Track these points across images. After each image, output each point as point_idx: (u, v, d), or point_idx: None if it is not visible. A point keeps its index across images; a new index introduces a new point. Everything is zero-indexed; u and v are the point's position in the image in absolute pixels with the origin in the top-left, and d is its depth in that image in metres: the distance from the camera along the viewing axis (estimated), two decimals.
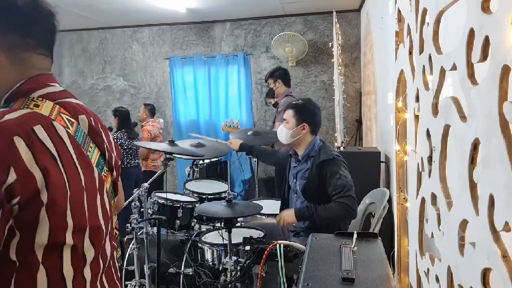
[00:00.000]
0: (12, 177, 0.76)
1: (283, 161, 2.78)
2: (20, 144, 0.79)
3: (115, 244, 1.07)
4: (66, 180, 0.85)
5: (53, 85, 0.95)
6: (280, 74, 4.27)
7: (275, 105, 4.39)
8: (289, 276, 1.63)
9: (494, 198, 0.72)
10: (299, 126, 2.48)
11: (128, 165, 4.59)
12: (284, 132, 2.54)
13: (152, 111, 5.09)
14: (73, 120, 0.93)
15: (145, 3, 4.79)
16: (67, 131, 0.89)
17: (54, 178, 0.83)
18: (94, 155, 0.97)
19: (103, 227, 0.97)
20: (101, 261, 0.96)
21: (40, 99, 0.90)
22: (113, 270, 1.05)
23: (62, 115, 0.91)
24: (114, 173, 1.08)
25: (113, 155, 1.06)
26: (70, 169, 0.87)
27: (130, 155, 4.60)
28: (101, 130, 1.03)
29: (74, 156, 0.89)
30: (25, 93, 0.90)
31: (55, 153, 0.84)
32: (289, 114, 2.53)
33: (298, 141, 2.52)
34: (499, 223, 0.70)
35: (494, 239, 0.72)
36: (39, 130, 0.83)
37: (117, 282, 1.05)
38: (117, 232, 1.11)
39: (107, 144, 1.04)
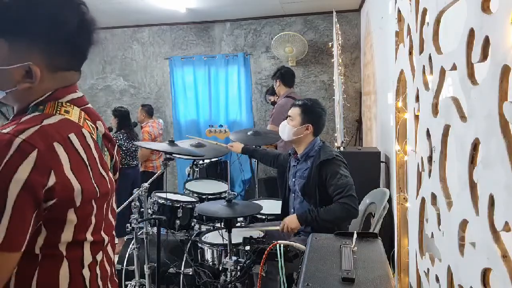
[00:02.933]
0: (52, 180, 0.79)
1: (285, 165, 2.78)
2: (60, 150, 0.82)
3: (114, 247, 1.10)
4: (95, 185, 0.89)
5: (75, 92, 0.98)
6: (281, 74, 4.23)
7: (274, 103, 4.38)
8: (289, 274, 1.63)
9: (494, 198, 0.72)
10: (304, 125, 2.48)
11: (126, 166, 4.56)
12: (287, 128, 2.53)
13: (149, 111, 5.07)
14: (94, 126, 0.97)
15: (145, 3, 4.78)
16: (92, 137, 0.93)
17: (87, 184, 0.87)
18: (107, 159, 1.01)
19: (113, 224, 1.03)
20: (106, 261, 1.00)
21: (68, 104, 0.93)
22: (114, 272, 1.07)
23: (87, 121, 0.95)
24: (117, 174, 1.12)
25: (117, 158, 1.10)
26: (97, 174, 0.91)
27: (129, 156, 4.58)
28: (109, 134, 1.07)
29: (98, 162, 0.93)
30: (54, 99, 0.92)
31: (86, 160, 0.88)
32: (295, 111, 2.52)
33: (299, 139, 2.51)
34: (499, 223, 0.70)
35: (494, 239, 0.72)
36: (73, 138, 0.87)
37: (116, 279, 1.08)
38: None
39: (114, 146, 1.08)
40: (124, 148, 4.50)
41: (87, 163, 0.88)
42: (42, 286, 0.84)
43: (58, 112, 0.89)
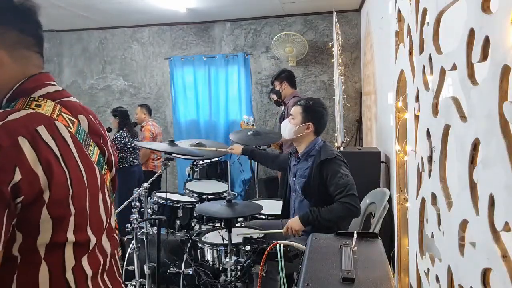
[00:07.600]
0: (17, 176, 0.77)
1: (285, 166, 2.78)
2: (25, 144, 0.79)
3: (116, 243, 1.06)
4: (69, 180, 0.85)
5: (52, 84, 0.95)
6: (286, 76, 4.38)
7: (278, 103, 4.44)
8: (289, 274, 1.63)
9: (494, 198, 0.72)
10: (304, 124, 2.49)
11: (132, 164, 4.59)
12: (288, 127, 2.55)
13: (149, 110, 5.13)
14: (74, 119, 0.93)
15: (145, 3, 4.78)
16: (69, 131, 0.89)
17: (57, 178, 0.83)
18: (94, 154, 0.97)
19: (105, 224, 0.98)
20: (100, 257, 0.96)
21: (41, 98, 0.90)
22: (115, 268, 1.04)
23: (63, 114, 0.91)
24: (114, 170, 1.08)
25: (112, 153, 1.07)
26: (73, 169, 0.87)
27: (133, 154, 4.61)
28: (100, 129, 1.03)
29: (77, 156, 0.89)
30: (26, 93, 0.90)
31: (58, 154, 0.84)
32: (297, 110, 2.54)
33: (300, 138, 2.52)
34: (499, 223, 0.70)
35: (494, 239, 0.72)
36: (42, 130, 0.83)
37: (119, 279, 1.05)
38: (117, 231, 1.11)
39: (106, 142, 1.05)
40: (128, 146, 4.52)
41: (58, 155, 0.84)
42: None
43: (28, 107, 0.87)
